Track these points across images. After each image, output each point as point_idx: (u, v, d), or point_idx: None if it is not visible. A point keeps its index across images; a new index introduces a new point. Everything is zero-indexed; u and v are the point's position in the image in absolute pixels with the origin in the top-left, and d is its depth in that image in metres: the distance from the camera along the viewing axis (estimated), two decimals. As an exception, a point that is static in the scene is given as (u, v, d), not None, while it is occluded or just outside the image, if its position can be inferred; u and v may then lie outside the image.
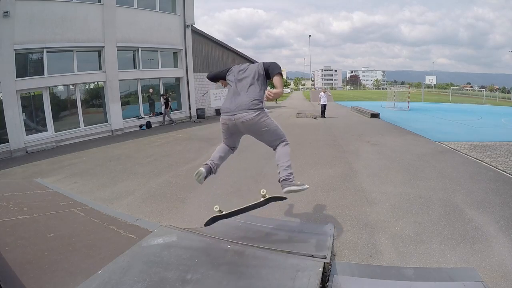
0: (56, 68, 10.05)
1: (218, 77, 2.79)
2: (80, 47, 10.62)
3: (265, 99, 2.50)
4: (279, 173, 2.45)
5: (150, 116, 13.57)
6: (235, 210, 2.70)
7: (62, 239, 2.79)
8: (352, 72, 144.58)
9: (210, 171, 2.70)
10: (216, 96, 17.90)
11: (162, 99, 13.59)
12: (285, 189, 2.39)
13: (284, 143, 2.55)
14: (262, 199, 2.58)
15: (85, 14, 10.58)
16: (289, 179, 2.38)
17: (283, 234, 3.25)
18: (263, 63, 2.58)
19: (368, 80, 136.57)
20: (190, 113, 15.33)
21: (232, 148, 2.81)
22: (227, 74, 2.68)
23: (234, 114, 2.36)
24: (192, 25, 14.93)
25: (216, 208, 2.73)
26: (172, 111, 14.53)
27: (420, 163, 6.23)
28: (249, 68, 2.60)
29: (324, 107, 15.12)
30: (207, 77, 2.96)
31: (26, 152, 9.04)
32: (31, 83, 9.44)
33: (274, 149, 2.58)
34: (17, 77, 8.94)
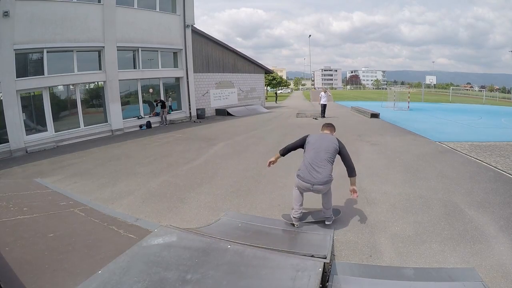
0: (56, 68, 10.03)
1: (294, 149, 3.49)
2: (80, 47, 10.60)
3: (352, 195, 3.32)
4: (324, 212, 3.44)
5: (150, 116, 13.57)
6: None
7: (62, 239, 2.79)
8: (352, 72, 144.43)
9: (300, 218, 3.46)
10: (216, 96, 17.91)
11: (154, 103, 13.65)
12: (327, 223, 3.47)
13: (329, 200, 3.41)
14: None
15: (85, 14, 10.56)
16: (332, 218, 3.49)
17: (283, 234, 3.25)
18: (339, 143, 3.32)
19: (368, 80, 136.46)
20: (190, 113, 15.32)
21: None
22: (306, 143, 3.37)
23: (313, 185, 3.17)
24: (192, 25, 14.93)
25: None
26: (172, 110, 14.54)
27: (420, 163, 6.23)
28: (326, 142, 3.30)
29: (324, 107, 15.11)
30: (281, 154, 3.56)
31: (26, 152, 9.03)
32: (31, 83, 9.42)
33: (322, 199, 3.42)
34: (17, 77, 8.92)
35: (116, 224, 3.25)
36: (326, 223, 3.46)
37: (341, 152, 3.29)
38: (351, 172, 3.30)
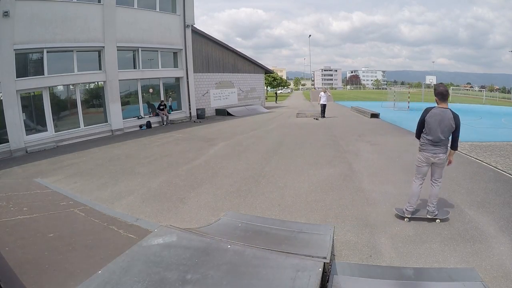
0: (56, 68, 10.03)
1: (422, 130, 3.71)
2: (80, 47, 10.61)
3: (448, 164, 3.69)
4: (428, 206, 3.69)
5: (150, 116, 13.58)
6: None
7: (62, 239, 2.79)
8: (352, 72, 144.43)
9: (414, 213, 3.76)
10: (216, 96, 17.91)
11: (157, 106, 13.74)
12: (428, 216, 3.67)
13: (440, 183, 3.71)
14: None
15: (85, 14, 10.56)
16: (435, 212, 3.67)
17: (283, 234, 3.25)
18: (455, 122, 3.46)
19: (368, 80, 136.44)
20: (190, 113, 15.32)
21: (423, 178, 3.75)
22: (426, 116, 3.59)
23: (436, 154, 3.54)
24: (192, 25, 14.93)
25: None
26: (172, 110, 14.54)
27: (420, 163, 6.22)
28: (443, 126, 3.48)
29: (324, 107, 15.11)
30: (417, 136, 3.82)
31: (26, 152, 9.03)
32: (31, 83, 9.43)
33: (433, 184, 3.72)
34: (17, 77, 8.92)
35: (116, 224, 3.25)
36: (428, 216, 3.67)
37: (455, 129, 3.55)
38: (455, 146, 3.60)
